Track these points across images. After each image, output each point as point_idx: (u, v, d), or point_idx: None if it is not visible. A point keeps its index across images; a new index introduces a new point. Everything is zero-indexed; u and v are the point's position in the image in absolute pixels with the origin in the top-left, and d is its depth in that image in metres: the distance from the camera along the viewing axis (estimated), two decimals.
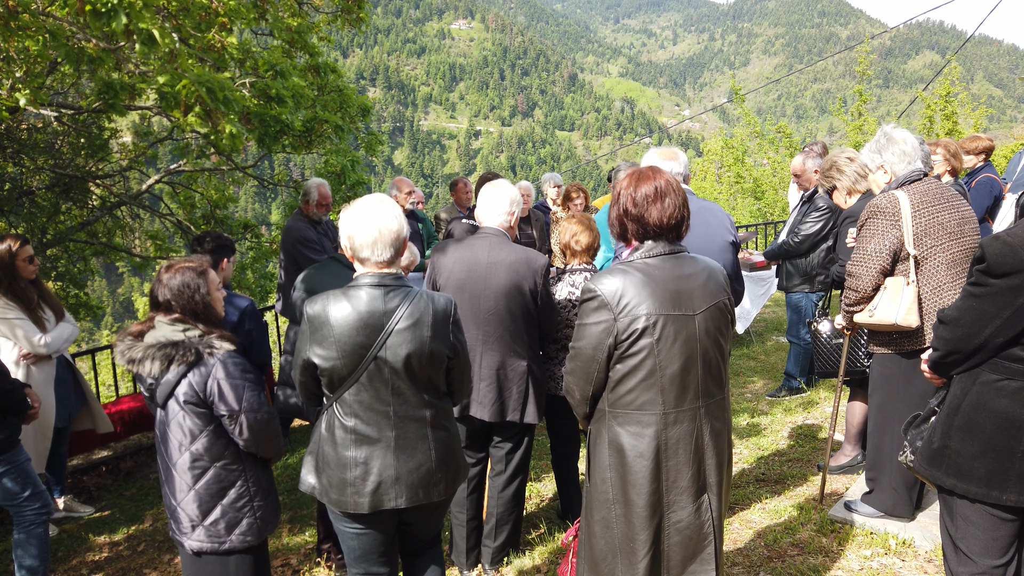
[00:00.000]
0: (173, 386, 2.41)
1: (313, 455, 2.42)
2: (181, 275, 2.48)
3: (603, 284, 2.09)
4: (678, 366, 2.08)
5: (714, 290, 2.15)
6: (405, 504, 2.34)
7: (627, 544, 2.14)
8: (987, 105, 16.26)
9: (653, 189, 2.13)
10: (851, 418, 4.06)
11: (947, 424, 2.17)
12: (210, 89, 4.40)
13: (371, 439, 2.31)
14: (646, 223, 2.14)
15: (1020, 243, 1.97)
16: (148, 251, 9.13)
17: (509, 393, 3.19)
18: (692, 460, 2.12)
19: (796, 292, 5.33)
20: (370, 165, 9.93)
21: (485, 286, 3.13)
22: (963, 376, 2.16)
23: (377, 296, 2.26)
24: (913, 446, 2.32)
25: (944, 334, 2.16)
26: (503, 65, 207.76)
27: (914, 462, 2.29)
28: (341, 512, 2.38)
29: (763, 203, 16.50)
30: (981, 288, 2.05)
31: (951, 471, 2.14)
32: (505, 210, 3.27)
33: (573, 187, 6.33)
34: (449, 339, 2.35)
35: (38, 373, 4.06)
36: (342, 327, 2.24)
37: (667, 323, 2.06)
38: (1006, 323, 2.01)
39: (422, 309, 2.29)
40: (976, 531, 2.16)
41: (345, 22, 7.31)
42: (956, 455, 2.13)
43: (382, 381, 2.28)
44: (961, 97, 14.80)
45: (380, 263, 2.30)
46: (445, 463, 2.41)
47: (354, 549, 2.48)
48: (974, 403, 2.11)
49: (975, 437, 2.09)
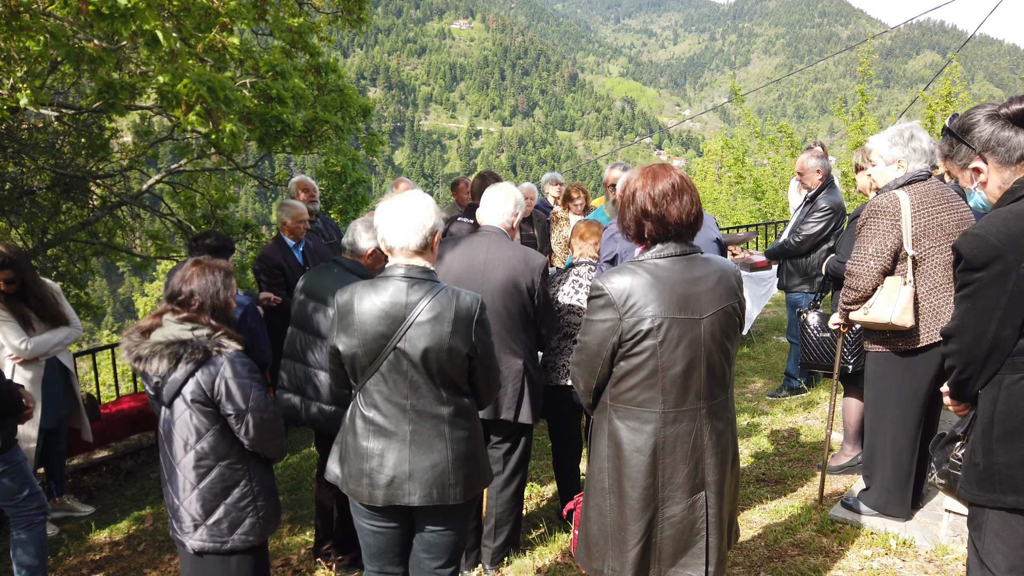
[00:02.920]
0: (180, 384, 2.41)
1: (339, 445, 2.46)
2: (211, 273, 2.53)
3: (611, 283, 2.09)
4: (681, 368, 2.08)
5: (723, 294, 2.14)
6: (419, 502, 2.32)
7: (619, 533, 2.17)
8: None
9: (670, 186, 2.10)
10: (847, 417, 4.06)
11: (986, 439, 2.05)
12: (211, 88, 4.41)
13: (388, 431, 2.33)
14: (667, 222, 2.10)
15: (988, 232, 1.94)
16: (148, 251, 9.14)
17: (504, 391, 3.19)
18: (689, 458, 2.13)
19: (796, 292, 5.33)
20: (371, 165, 9.94)
21: (483, 282, 3.14)
22: (987, 387, 2.06)
23: (402, 288, 2.31)
24: (940, 469, 2.22)
25: (954, 347, 2.08)
26: (503, 65, 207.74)
27: (960, 492, 2.14)
28: (359, 503, 2.40)
29: (763, 203, 16.49)
30: (969, 287, 2.01)
31: (1008, 487, 2.00)
32: (508, 211, 3.28)
33: (573, 187, 6.33)
34: (471, 338, 2.33)
35: (24, 373, 4.07)
36: (365, 316, 2.30)
37: (672, 326, 2.06)
38: (1006, 312, 1.96)
39: (444, 304, 2.30)
40: (1004, 547, 2.05)
41: (345, 22, 7.32)
42: (1006, 468, 2.00)
43: (400, 373, 2.30)
44: (962, 97, 14.78)
45: (406, 250, 2.35)
46: (462, 464, 2.38)
47: (370, 546, 2.48)
48: (1007, 409, 2.01)
49: (1019, 443, 1.99)
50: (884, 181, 3.22)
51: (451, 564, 2.53)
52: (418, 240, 2.34)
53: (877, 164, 3.24)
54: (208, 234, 4.25)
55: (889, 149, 3.18)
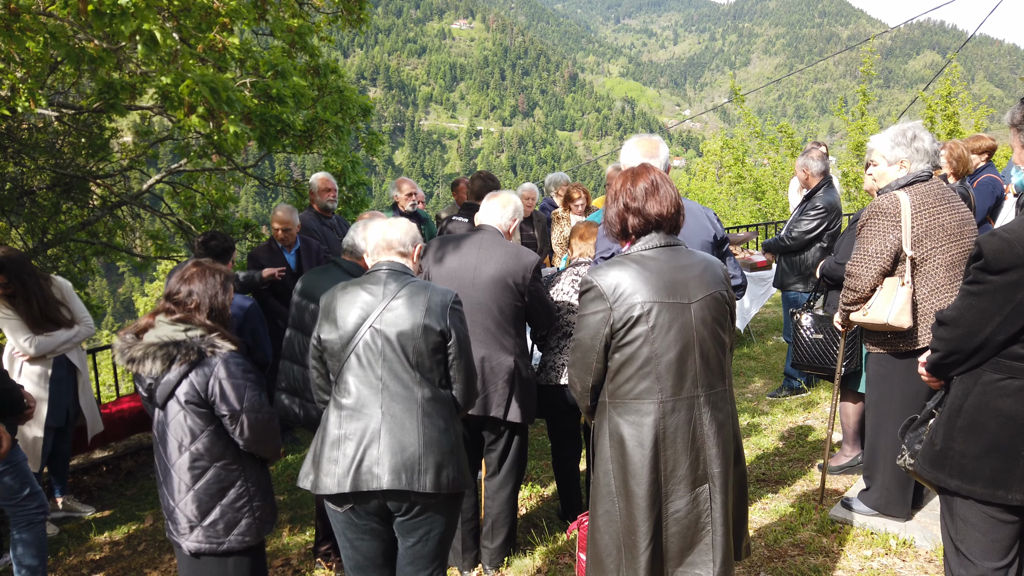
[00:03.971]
0: (174, 386, 2.41)
1: (312, 449, 2.45)
2: (212, 276, 2.57)
3: (600, 276, 2.17)
4: (674, 354, 2.13)
5: (710, 281, 2.20)
6: (388, 484, 2.28)
7: (629, 538, 2.17)
8: (988, 105, 16.27)
9: (649, 183, 2.24)
10: (844, 418, 4.06)
11: (949, 425, 2.15)
12: (213, 89, 4.41)
13: (360, 413, 2.36)
14: (647, 214, 2.22)
15: (1017, 239, 1.96)
16: (148, 251, 9.14)
17: (494, 387, 3.19)
18: (690, 449, 2.14)
19: (792, 291, 5.34)
20: (371, 165, 9.94)
21: (474, 276, 3.16)
22: (964, 376, 2.14)
23: (380, 278, 2.47)
24: (911, 449, 2.30)
25: (944, 335, 2.15)
26: (503, 65, 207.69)
27: (914, 465, 2.27)
28: (327, 499, 2.38)
29: (763, 203, 16.49)
30: (979, 286, 2.04)
31: (955, 472, 2.12)
32: (507, 215, 3.35)
33: (574, 187, 6.33)
34: (444, 320, 2.41)
35: (32, 370, 4.10)
36: (345, 307, 2.43)
37: (661, 311, 2.12)
38: (1006, 320, 1.99)
39: (419, 292, 2.44)
40: (977, 533, 2.15)
41: (346, 22, 7.32)
42: (960, 456, 2.11)
43: (375, 352, 2.37)
44: (962, 97, 14.79)
45: (391, 251, 2.57)
46: (433, 452, 2.35)
47: (350, 558, 2.47)
48: (976, 403, 2.09)
49: (979, 437, 2.08)
50: (886, 181, 3.21)
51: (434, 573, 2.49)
52: (400, 236, 2.55)
53: (879, 164, 3.23)
54: (212, 235, 4.26)
55: (892, 149, 3.16)
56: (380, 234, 2.57)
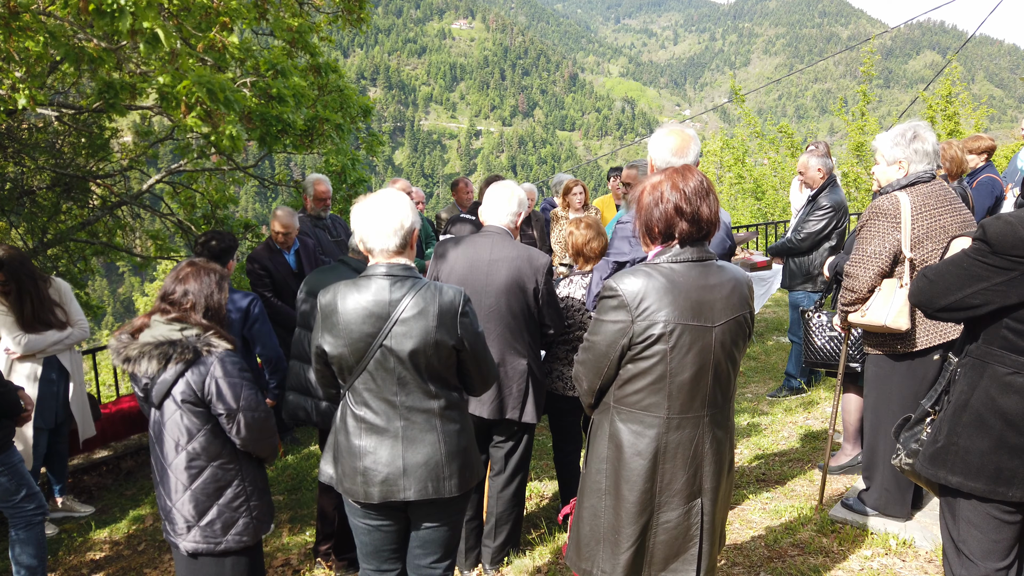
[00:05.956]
0: (170, 385, 2.40)
1: (331, 446, 2.45)
2: (207, 275, 2.55)
3: (625, 284, 2.04)
4: (689, 375, 2.06)
5: (737, 303, 2.11)
6: (414, 496, 2.32)
7: (612, 535, 2.16)
8: (988, 105, 16.25)
9: (700, 184, 2.06)
10: (847, 416, 4.05)
11: (954, 421, 2.13)
12: (211, 90, 4.41)
13: (379, 429, 2.33)
14: (700, 220, 2.05)
15: (1021, 222, 1.97)
16: (149, 251, 9.13)
17: (509, 391, 3.19)
18: (689, 465, 2.11)
19: (798, 291, 5.34)
20: (371, 165, 9.93)
21: (486, 282, 3.14)
22: (969, 371, 2.13)
23: (384, 286, 2.31)
24: (907, 448, 2.28)
25: (923, 284, 2.18)
26: (504, 65, 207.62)
27: (911, 464, 2.25)
28: (354, 502, 2.39)
29: (763, 203, 16.49)
30: (975, 256, 2.05)
31: (957, 469, 2.10)
32: (512, 210, 3.27)
33: (572, 181, 6.38)
34: (456, 331, 2.33)
35: (21, 369, 4.11)
36: (349, 315, 2.30)
37: (684, 332, 2.02)
38: (992, 290, 2.00)
39: (428, 300, 2.30)
40: (979, 533, 2.13)
41: (346, 22, 7.31)
42: (964, 452, 2.09)
43: (388, 370, 2.30)
44: (962, 97, 14.78)
45: (386, 252, 2.35)
46: (455, 457, 2.38)
47: (365, 544, 2.48)
48: (983, 399, 2.07)
49: (985, 434, 2.06)
50: (886, 180, 3.20)
51: (445, 559, 2.53)
52: (396, 241, 2.34)
53: (880, 163, 3.23)
54: (213, 236, 4.26)
55: (891, 149, 3.15)
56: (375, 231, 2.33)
